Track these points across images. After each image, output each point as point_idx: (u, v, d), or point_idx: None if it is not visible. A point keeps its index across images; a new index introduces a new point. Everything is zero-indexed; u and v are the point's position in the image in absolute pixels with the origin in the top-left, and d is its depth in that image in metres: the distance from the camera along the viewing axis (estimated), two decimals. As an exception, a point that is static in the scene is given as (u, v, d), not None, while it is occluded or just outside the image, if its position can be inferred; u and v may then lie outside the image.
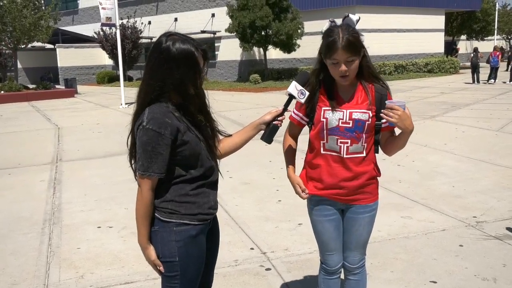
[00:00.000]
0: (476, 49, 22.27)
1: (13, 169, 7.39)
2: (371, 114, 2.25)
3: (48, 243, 4.31)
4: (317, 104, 2.29)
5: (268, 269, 3.62)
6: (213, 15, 27.64)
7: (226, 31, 23.58)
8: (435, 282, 3.35)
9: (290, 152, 2.48)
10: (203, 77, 1.97)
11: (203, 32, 26.40)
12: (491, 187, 5.60)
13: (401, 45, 27.96)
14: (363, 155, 2.29)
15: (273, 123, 2.14)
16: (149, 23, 30.79)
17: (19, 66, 29.34)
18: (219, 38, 27.54)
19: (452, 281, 3.35)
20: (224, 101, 16.34)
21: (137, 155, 1.93)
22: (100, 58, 33.13)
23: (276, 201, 5.28)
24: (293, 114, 2.41)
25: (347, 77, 2.18)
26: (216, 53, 28.23)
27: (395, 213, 4.77)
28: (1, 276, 3.68)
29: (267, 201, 5.31)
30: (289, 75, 24.22)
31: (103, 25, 18.20)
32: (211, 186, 2.05)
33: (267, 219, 4.74)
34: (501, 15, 42.71)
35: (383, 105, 2.17)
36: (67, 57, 31.95)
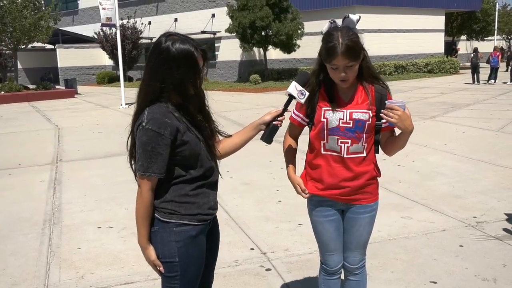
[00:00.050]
0: (476, 49, 22.27)
1: (13, 169, 7.39)
2: (371, 114, 2.25)
3: (48, 243, 4.31)
4: (317, 104, 2.30)
5: (268, 270, 3.62)
6: (213, 16, 27.65)
7: (226, 32, 23.59)
8: (435, 282, 3.35)
9: (290, 152, 2.48)
10: (202, 77, 1.98)
11: (203, 32, 26.41)
12: (491, 187, 5.60)
13: (401, 46, 27.96)
14: (363, 155, 2.30)
15: (273, 123, 2.14)
16: (149, 23, 30.80)
17: (19, 66, 29.36)
18: (219, 38, 27.54)
19: (452, 282, 3.35)
20: (224, 102, 16.34)
21: (136, 155, 1.93)
22: (100, 58, 33.14)
23: (276, 202, 5.28)
24: (293, 115, 2.41)
25: (347, 81, 2.19)
26: (216, 53, 28.24)
27: (395, 214, 4.77)
28: (1, 276, 3.68)
29: (267, 201, 5.31)
30: (289, 76, 24.22)
31: (103, 25, 18.21)
32: (211, 186, 2.05)
33: (267, 219, 4.74)
34: (501, 15, 42.69)
35: (383, 105, 2.17)
36: (67, 58, 31.96)
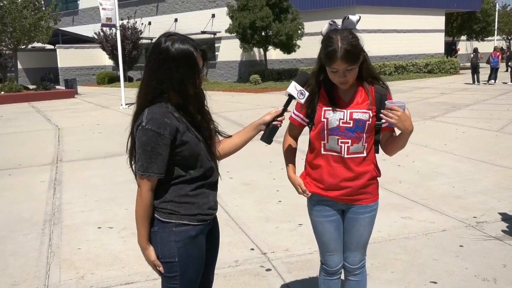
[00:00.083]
0: (476, 50, 22.28)
1: (13, 169, 7.39)
2: (371, 114, 2.25)
3: (48, 243, 4.31)
4: (318, 104, 2.30)
5: (268, 270, 3.62)
6: (213, 16, 27.65)
7: (226, 32, 23.59)
8: (435, 282, 3.35)
9: (290, 152, 2.48)
10: (202, 78, 1.98)
11: (203, 32, 26.40)
12: (491, 187, 5.60)
13: (401, 46, 27.96)
14: (363, 155, 2.30)
15: (272, 123, 2.14)
16: (149, 23, 30.81)
17: (19, 66, 29.37)
18: (219, 38, 27.55)
19: (452, 282, 3.35)
20: (224, 102, 16.34)
21: (136, 155, 1.93)
22: (100, 58, 33.15)
23: (276, 202, 5.28)
24: (293, 115, 2.41)
25: (347, 83, 2.19)
26: (216, 53, 28.25)
27: (395, 214, 4.77)
28: (1, 277, 3.68)
29: (267, 201, 5.31)
30: (289, 76, 24.22)
31: (103, 25, 18.21)
32: (210, 186, 2.05)
33: (267, 219, 4.74)
34: (501, 16, 42.70)
35: (383, 105, 2.17)
36: (67, 58, 31.96)
